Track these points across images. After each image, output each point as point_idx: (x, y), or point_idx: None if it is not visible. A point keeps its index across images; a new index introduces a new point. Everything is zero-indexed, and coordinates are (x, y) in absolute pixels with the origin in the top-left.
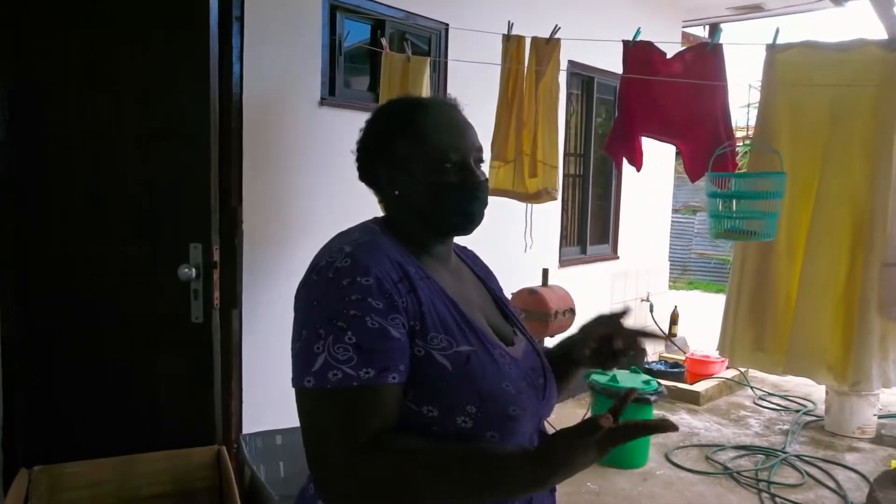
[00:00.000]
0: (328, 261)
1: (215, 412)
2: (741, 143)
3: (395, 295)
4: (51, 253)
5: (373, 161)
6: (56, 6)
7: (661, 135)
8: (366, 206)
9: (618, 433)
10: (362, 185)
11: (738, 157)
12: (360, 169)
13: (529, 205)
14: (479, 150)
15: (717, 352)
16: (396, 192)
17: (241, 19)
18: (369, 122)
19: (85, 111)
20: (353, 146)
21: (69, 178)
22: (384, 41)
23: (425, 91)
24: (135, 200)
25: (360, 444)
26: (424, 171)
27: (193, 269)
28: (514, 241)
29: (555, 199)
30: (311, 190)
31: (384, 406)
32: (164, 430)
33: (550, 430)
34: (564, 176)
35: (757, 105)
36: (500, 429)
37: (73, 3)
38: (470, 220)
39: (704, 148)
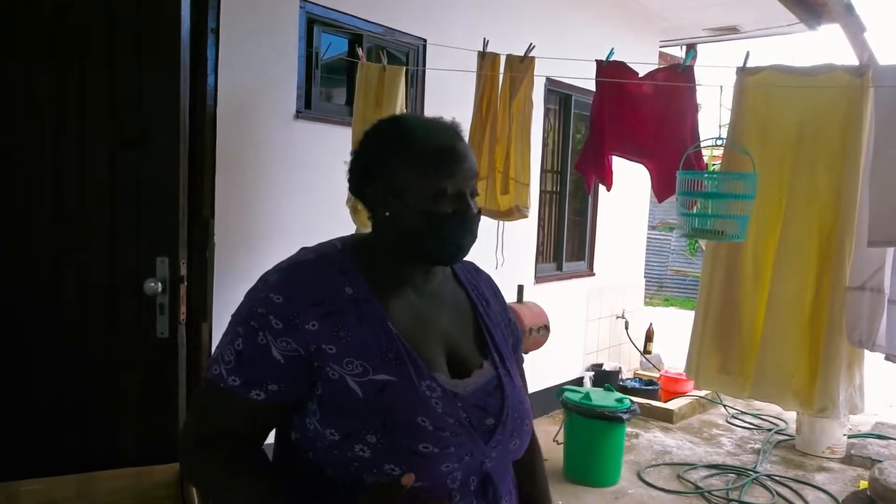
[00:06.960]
0: (268, 271)
1: (179, 428)
2: (711, 138)
3: (302, 318)
4: (13, 264)
5: (366, 177)
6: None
7: (631, 154)
8: (341, 220)
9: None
10: (336, 198)
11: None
12: (351, 181)
13: (501, 222)
14: (475, 177)
15: (685, 374)
16: (387, 214)
17: (216, 31)
18: (366, 137)
19: (52, 121)
20: (330, 160)
21: (36, 188)
22: (360, 51)
23: (400, 101)
24: (101, 213)
25: (201, 436)
26: (417, 199)
27: (160, 284)
28: (488, 258)
29: (526, 216)
30: (285, 203)
31: (237, 415)
32: (125, 446)
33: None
34: (541, 192)
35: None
36: (402, 463)
37: (42, 6)
38: (457, 251)
39: (672, 169)
